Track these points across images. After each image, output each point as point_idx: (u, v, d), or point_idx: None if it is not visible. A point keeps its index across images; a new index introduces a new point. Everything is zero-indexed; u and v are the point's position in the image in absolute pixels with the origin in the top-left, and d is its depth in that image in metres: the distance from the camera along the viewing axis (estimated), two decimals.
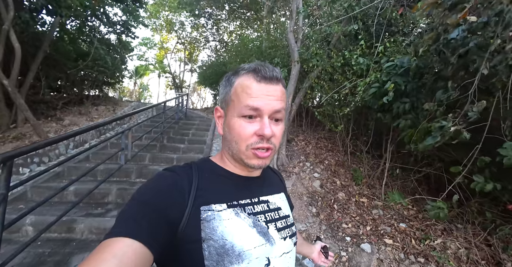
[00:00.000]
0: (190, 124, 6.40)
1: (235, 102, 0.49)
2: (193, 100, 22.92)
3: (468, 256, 2.45)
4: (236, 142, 0.49)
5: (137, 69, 18.99)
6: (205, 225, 0.44)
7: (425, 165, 3.20)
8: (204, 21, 12.90)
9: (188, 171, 0.50)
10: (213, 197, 0.48)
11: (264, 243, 0.48)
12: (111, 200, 2.62)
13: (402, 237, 2.60)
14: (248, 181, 0.55)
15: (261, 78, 0.48)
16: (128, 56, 10.03)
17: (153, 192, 0.44)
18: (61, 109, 6.18)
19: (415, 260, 2.36)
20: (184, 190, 0.46)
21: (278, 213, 0.55)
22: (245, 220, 0.48)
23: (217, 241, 0.43)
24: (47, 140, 1.63)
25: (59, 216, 1.79)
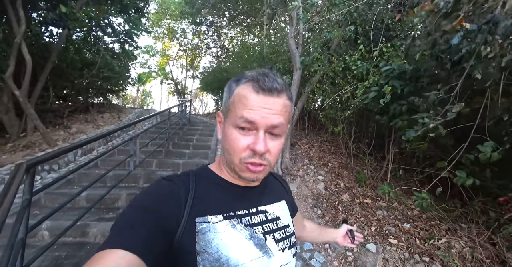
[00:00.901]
0: (194, 130, 6.50)
1: (232, 111, 0.47)
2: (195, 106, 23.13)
3: (473, 255, 2.48)
4: (230, 153, 0.47)
5: (139, 76, 19.28)
6: (200, 237, 0.43)
7: (428, 165, 3.24)
8: (205, 28, 13.16)
9: (185, 180, 0.49)
10: (209, 208, 0.47)
11: (261, 255, 0.46)
12: (121, 205, 2.70)
13: (407, 237, 2.63)
14: (246, 191, 0.53)
15: (259, 89, 0.44)
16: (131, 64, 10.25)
17: (150, 201, 0.43)
18: (67, 117, 6.33)
19: (420, 259, 2.40)
20: (180, 200, 0.45)
21: (277, 223, 0.54)
22: (241, 232, 0.46)
23: (212, 254, 0.42)
24: (64, 148, 1.72)
25: (75, 221, 1.87)
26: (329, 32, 3.55)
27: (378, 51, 2.64)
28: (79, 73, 6.44)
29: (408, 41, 2.41)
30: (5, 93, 4.49)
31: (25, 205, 1.30)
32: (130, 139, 2.92)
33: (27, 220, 1.34)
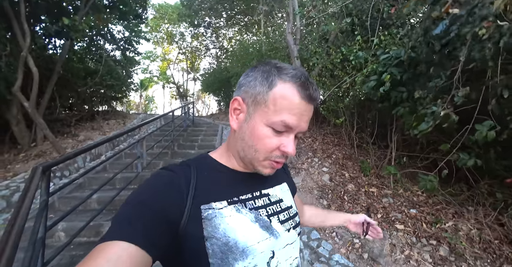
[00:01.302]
0: (198, 131, 6.59)
1: (270, 109, 0.45)
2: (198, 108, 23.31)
3: (481, 237, 2.48)
4: (257, 150, 0.47)
5: (142, 82, 19.54)
6: (206, 223, 0.43)
7: (431, 151, 3.24)
8: (203, 30, 13.26)
9: (186, 169, 0.49)
10: (213, 195, 0.47)
11: (268, 237, 0.47)
12: None
13: (413, 222, 2.65)
14: (247, 176, 0.54)
15: (306, 96, 0.45)
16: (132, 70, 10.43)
17: (150, 192, 0.43)
18: (75, 126, 6.50)
19: (427, 242, 2.41)
20: (182, 189, 0.45)
21: (280, 205, 0.55)
22: (246, 216, 0.47)
23: (220, 239, 0.43)
24: (75, 151, 1.81)
25: (88, 221, 1.96)
26: (326, 25, 3.57)
27: (376, 39, 2.65)
28: (83, 82, 6.60)
29: (405, 30, 2.42)
30: (14, 106, 4.65)
31: (43, 205, 1.39)
32: (137, 141, 3.01)
33: (46, 220, 1.42)
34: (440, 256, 2.30)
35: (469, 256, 2.31)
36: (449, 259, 2.28)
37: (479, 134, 2.08)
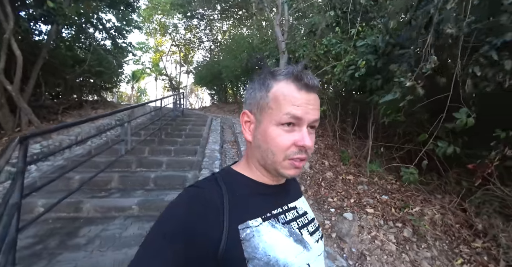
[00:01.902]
0: (187, 121, 6.63)
1: (273, 110, 0.46)
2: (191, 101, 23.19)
3: (443, 220, 2.65)
4: (273, 152, 0.47)
5: (134, 73, 19.27)
6: (246, 244, 0.42)
7: (407, 141, 3.40)
8: (197, 22, 13.14)
9: (216, 186, 0.47)
10: (247, 213, 0.46)
11: (302, 250, 0.47)
12: (113, 185, 2.85)
13: (383, 207, 2.81)
14: (275, 189, 0.53)
15: (303, 86, 0.46)
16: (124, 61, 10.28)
17: (184, 215, 0.42)
18: (62, 113, 6.42)
19: (393, 225, 2.58)
20: (218, 210, 0.43)
21: (307, 217, 0.55)
22: (281, 231, 0.47)
23: (262, 259, 0.42)
24: (56, 126, 1.86)
25: (65, 196, 2.03)
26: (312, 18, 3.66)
27: (355, 31, 2.76)
28: (70, 70, 6.51)
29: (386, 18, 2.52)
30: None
31: (19, 171, 1.45)
32: (121, 125, 3.05)
33: (22, 186, 1.48)
34: (404, 237, 2.46)
35: (430, 237, 2.48)
36: (411, 239, 2.45)
37: (460, 122, 2.18)
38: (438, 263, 2.23)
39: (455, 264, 2.22)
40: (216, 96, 14.21)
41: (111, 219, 2.23)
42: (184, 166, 3.46)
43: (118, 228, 2.07)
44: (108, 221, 2.18)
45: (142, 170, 3.32)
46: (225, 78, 8.21)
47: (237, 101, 12.59)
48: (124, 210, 2.36)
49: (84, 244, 1.82)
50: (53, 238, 1.90)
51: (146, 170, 3.32)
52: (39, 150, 3.67)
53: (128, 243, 1.82)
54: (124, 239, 1.88)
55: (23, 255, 1.68)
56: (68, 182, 2.77)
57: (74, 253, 1.70)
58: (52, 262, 1.60)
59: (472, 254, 2.31)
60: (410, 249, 2.35)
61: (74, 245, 1.81)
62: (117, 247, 1.78)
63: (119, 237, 1.91)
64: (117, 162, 3.10)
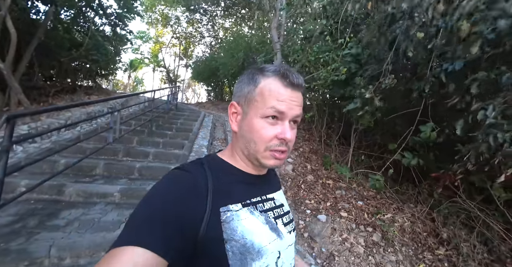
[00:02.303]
0: (179, 115, 6.65)
1: (259, 103, 0.50)
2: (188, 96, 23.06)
3: (412, 228, 2.82)
4: (255, 142, 0.50)
5: (132, 62, 19.03)
6: (225, 226, 0.44)
7: (385, 151, 3.56)
8: (199, 17, 13.11)
9: (201, 170, 0.50)
10: (229, 197, 0.48)
11: (276, 238, 0.50)
12: (98, 172, 2.88)
13: (357, 212, 2.95)
14: (256, 179, 0.57)
15: (288, 84, 0.49)
16: (122, 48, 10.18)
17: (169, 195, 0.43)
18: (53, 96, 6.35)
19: (364, 229, 2.72)
20: (202, 191, 0.45)
21: (283, 209, 0.58)
22: (258, 218, 0.50)
23: (239, 241, 0.44)
24: (46, 108, 1.90)
25: (50, 177, 2.07)
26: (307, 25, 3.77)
27: (343, 41, 2.89)
28: (67, 53, 6.44)
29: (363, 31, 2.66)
30: None
31: (4, 149, 1.50)
32: (111, 112, 3.09)
33: (5, 164, 1.53)
34: (372, 241, 2.61)
35: (397, 243, 2.63)
36: (379, 244, 2.59)
37: (424, 135, 2.36)
38: (401, 266, 2.38)
39: None
40: (212, 93, 14.22)
41: (92, 204, 2.28)
42: (170, 158, 3.52)
43: (98, 213, 2.12)
44: (89, 206, 2.23)
45: (128, 159, 3.36)
46: (221, 75, 8.26)
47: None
48: (106, 196, 2.41)
49: (63, 225, 1.88)
50: (33, 218, 1.94)
51: (132, 159, 3.37)
52: (27, 131, 3.66)
53: (107, 227, 1.89)
54: (103, 223, 1.94)
55: (2, 232, 1.72)
56: (53, 165, 2.80)
57: (53, 233, 1.75)
58: (30, 240, 1.65)
59: (434, 261, 2.47)
60: (377, 252, 2.49)
61: (53, 225, 1.86)
62: (96, 230, 1.84)
63: (98, 221, 1.97)
64: (104, 149, 3.14)
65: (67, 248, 1.61)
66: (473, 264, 2.21)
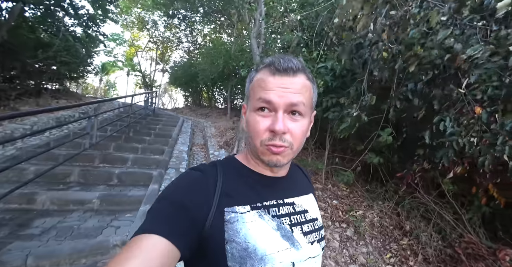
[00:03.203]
0: (157, 121, 6.53)
1: (251, 96, 0.49)
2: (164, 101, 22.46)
3: (380, 222, 3.10)
4: (252, 137, 0.48)
5: (104, 65, 18.12)
6: (228, 226, 0.44)
7: (357, 154, 3.88)
8: (177, 22, 13.03)
9: (213, 170, 0.50)
10: (237, 198, 0.47)
11: (288, 247, 0.46)
12: (72, 179, 2.76)
13: (333, 210, 3.18)
14: (273, 181, 0.53)
15: (275, 71, 0.46)
16: (94, 51, 9.73)
17: (181, 191, 0.45)
18: (15, 99, 5.87)
19: (339, 226, 2.94)
20: (210, 190, 0.46)
21: (305, 216, 0.53)
22: (268, 223, 0.47)
23: (240, 244, 0.43)
24: (12, 113, 1.83)
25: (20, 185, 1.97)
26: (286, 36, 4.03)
27: (318, 54, 3.16)
28: (32, 53, 6.03)
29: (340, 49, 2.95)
30: None
31: None
32: (88, 117, 3.00)
33: None
34: (346, 235, 2.83)
35: (368, 236, 2.88)
36: (352, 238, 2.82)
37: (382, 139, 2.67)
38: (371, 257, 2.61)
39: (384, 258, 2.62)
40: (190, 99, 14.05)
41: (69, 212, 2.20)
42: (150, 164, 3.48)
43: (77, 220, 2.06)
44: (65, 213, 2.15)
45: (106, 166, 3.26)
46: (201, 81, 8.28)
47: (211, 105, 12.61)
48: (84, 203, 2.33)
49: (39, 234, 1.80)
50: (1, 228, 1.83)
51: (110, 165, 3.27)
52: None
53: (88, 234, 1.85)
54: (84, 230, 1.90)
55: None
56: (21, 173, 2.63)
57: (28, 242, 1.68)
58: (3, 250, 1.57)
59: (399, 250, 2.74)
60: (350, 245, 2.71)
61: (27, 235, 1.78)
62: (76, 237, 1.79)
63: (78, 228, 1.92)
64: (80, 155, 3.02)
65: (45, 256, 1.56)
66: (430, 250, 2.51)
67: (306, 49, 3.32)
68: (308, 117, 0.50)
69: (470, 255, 2.30)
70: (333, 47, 3.51)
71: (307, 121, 0.49)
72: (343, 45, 2.67)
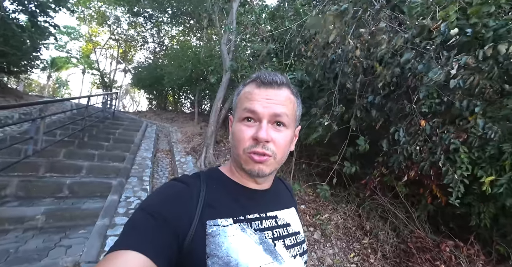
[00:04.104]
0: (118, 125, 6.01)
1: (237, 108, 0.51)
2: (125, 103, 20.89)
3: (344, 224, 3.29)
4: (235, 146, 0.49)
5: (54, 60, 16.17)
6: (210, 240, 0.43)
7: (323, 160, 4.10)
8: (143, 20, 12.36)
9: (197, 181, 0.49)
10: (220, 210, 0.46)
11: (271, 261, 0.46)
12: (9, 192, 2.35)
13: (300, 215, 3.27)
14: (257, 194, 0.53)
15: (261, 84, 0.49)
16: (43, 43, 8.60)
17: (162, 203, 0.44)
18: None
19: (307, 229, 3.03)
20: (192, 202, 0.45)
21: (287, 230, 0.53)
22: (251, 237, 0.46)
23: (222, 258, 0.42)
24: None
25: None
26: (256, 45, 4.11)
27: (287, 64, 3.29)
28: None
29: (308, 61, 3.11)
30: None
31: None
32: (32, 119, 2.61)
33: None
34: (314, 239, 2.93)
35: (334, 238, 3.03)
36: (319, 240, 2.94)
37: (361, 147, 2.83)
38: (337, 258, 2.74)
39: (349, 257, 2.77)
40: (154, 102, 13.32)
41: (3, 233, 1.86)
42: (109, 172, 3.17)
43: (13, 242, 1.75)
44: None
45: (54, 175, 2.86)
46: (167, 84, 7.91)
47: (177, 109, 12.11)
48: (24, 221, 2.00)
49: None
50: None
51: (60, 175, 2.88)
52: None
53: (29, 257, 1.58)
54: (23, 253, 1.61)
55: None
56: None
57: None
58: None
59: (361, 249, 2.94)
60: (318, 248, 2.81)
61: None
62: (12, 262, 1.52)
63: (15, 251, 1.63)
64: (19, 164, 2.60)
65: None
66: (387, 247, 2.74)
67: (276, 59, 3.43)
68: (292, 129, 0.51)
69: (419, 248, 2.58)
70: (301, 59, 3.69)
71: (290, 133, 0.50)
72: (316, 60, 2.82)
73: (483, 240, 2.61)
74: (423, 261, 2.42)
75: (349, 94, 2.91)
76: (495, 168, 2.15)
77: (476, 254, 2.40)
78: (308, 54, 2.80)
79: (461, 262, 2.32)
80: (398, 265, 2.66)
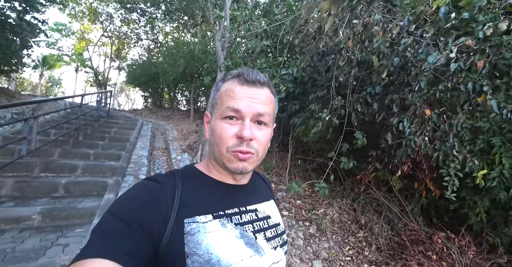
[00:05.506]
0: (113, 123, 5.97)
1: (218, 105, 0.49)
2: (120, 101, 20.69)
3: (340, 218, 3.35)
4: (217, 144, 0.48)
5: (45, 58, 15.88)
6: (188, 239, 0.41)
7: (318, 155, 4.14)
8: (136, 17, 12.17)
9: (171, 180, 0.48)
10: (198, 208, 0.45)
11: (252, 254, 0.46)
12: (5, 193, 2.35)
13: (296, 210, 3.32)
14: (235, 189, 0.53)
15: (244, 82, 0.48)
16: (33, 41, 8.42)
17: (133, 205, 0.41)
18: None
19: (302, 224, 3.08)
20: (167, 201, 0.43)
21: (267, 222, 0.54)
22: (231, 231, 0.46)
23: (202, 256, 0.41)
24: None
25: None
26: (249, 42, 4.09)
27: (281, 61, 3.29)
28: None
29: (301, 57, 3.11)
30: None
31: None
32: (25, 119, 2.59)
33: None
34: (310, 233, 2.98)
35: (329, 232, 3.08)
36: (315, 235, 2.99)
37: (360, 141, 2.83)
38: (333, 251, 2.80)
39: (344, 250, 2.83)
40: (150, 100, 13.22)
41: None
42: (105, 171, 3.16)
43: (10, 242, 1.76)
44: None
45: (49, 175, 2.85)
46: (162, 82, 7.83)
47: (173, 107, 12.03)
48: (20, 221, 2.00)
49: None
50: None
51: (55, 175, 2.87)
52: None
53: (26, 257, 1.59)
54: (21, 252, 1.62)
55: None
56: None
57: None
58: None
59: (356, 242, 3.00)
60: (313, 242, 2.86)
61: None
62: (10, 262, 1.53)
63: (12, 251, 1.64)
64: (13, 164, 2.59)
65: None
66: (382, 240, 2.81)
67: (271, 55, 3.43)
68: (271, 128, 0.53)
69: (413, 241, 2.64)
70: (295, 55, 3.69)
71: (270, 131, 0.52)
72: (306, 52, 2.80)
73: (474, 231, 2.68)
74: (416, 253, 2.48)
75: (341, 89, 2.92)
76: (486, 162, 2.20)
77: (467, 245, 2.47)
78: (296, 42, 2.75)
79: (452, 253, 2.39)
80: (392, 257, 2.72)
